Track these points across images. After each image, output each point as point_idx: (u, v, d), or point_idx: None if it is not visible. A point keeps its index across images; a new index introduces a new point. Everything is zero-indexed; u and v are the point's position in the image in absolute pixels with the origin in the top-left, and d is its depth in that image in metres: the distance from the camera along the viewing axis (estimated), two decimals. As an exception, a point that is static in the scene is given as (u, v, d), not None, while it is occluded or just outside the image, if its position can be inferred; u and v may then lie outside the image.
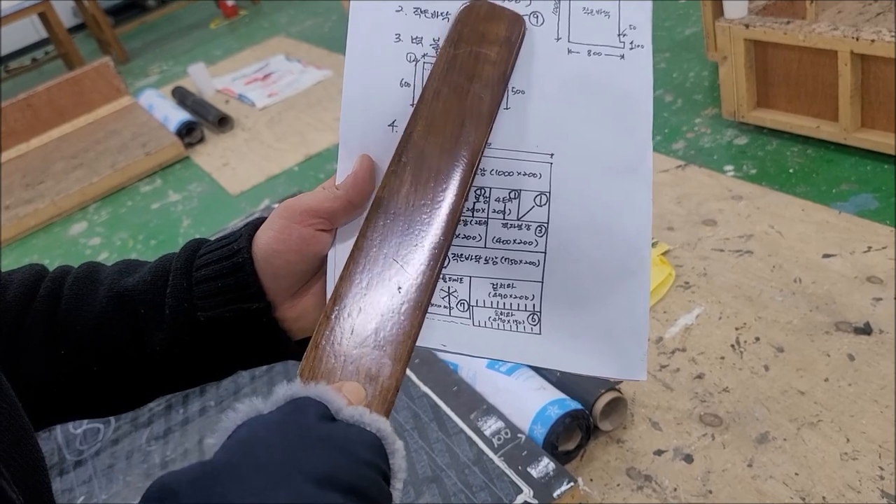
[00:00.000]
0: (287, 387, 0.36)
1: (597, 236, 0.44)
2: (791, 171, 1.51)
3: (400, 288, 0.40)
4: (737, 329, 1.17)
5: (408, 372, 1.22)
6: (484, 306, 0.45)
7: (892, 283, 1.15)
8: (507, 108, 0.44)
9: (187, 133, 2.61)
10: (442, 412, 1.11)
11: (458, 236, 0.44)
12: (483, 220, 0.44)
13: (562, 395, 1.06)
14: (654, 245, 1.39)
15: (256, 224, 0.45)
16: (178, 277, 0.44)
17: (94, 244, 2.22)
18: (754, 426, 1.01)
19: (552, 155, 0.44)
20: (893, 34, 1.35)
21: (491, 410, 1.08)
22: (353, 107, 0.45)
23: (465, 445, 1.04)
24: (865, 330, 1.09)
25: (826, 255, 1.25)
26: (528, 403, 1.06)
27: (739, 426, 1.02)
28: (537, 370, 1.13)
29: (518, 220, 0.44)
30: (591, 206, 0.44)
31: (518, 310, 0.45)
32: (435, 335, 0.44)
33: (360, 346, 0.39)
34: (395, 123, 0.44)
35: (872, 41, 1.36)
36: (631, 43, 0.44)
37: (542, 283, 0.44)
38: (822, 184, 1.44)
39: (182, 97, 2.95)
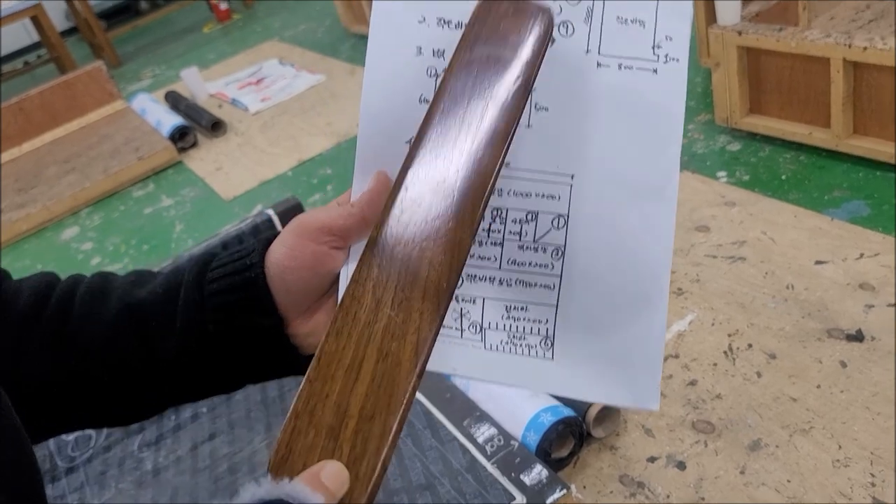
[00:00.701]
0: (255, 488, 0.32)
1: (615, 261, 0.42)
2: (784, 177, 1.51)
3: (388, 355, 0.36)
4: (729, 335, 1.17)
5: (401, 378, 1.22)
6: (496, 329, 0.44)
7: (884, 290, 1.16)
8: (528, 126, 0.42)
9: (180, 138, 2.61)
10: (435, 419, 1.11)
11: (472, 256, 0.43)
12: (499, 241, 0.43)
13: (555, 402, 1.06)
14: (647, 251, 1.39)
15: (269, 239, 0.45)
16: (190, 290, 0.44)
17: (86, 249, 2.21)
18: (747, 433, 1.01)
19: (572, 176, 0.42)
20: (886, 42, 1.35)
21: (484, 417, 1.08)
22: (371, 122, 0.43)
23: (458, 453, 1.04)
24: (857, 337, 1.10)
25: (818, 262, 1.26)
26: (521, 410, 1.06)
27: (732, 433, 1.02)
28: (530, 377, 1.13)
29: (534, 242, 0.43)
30: (611, 230, 0.42)
31: (531, 333, 0.44)
32: (446, 359, 0.43)
33: (344, 416, 0.35)
34: (412, 141, 0.42)
35: (865, 48, 1.37)
36: (666, 56, 0.42)
37: (557, 307, 0.43)
38: (814, 190, 1.45)
39: (175, 101, 2.95)
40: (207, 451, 1.22)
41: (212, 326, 0.43)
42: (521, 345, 0.44)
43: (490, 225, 0.43)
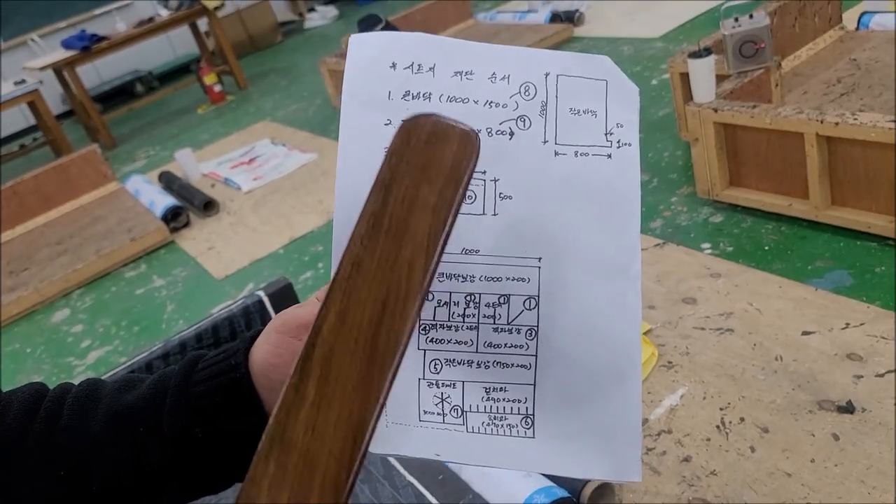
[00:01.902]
0: None
1: (587, 339, 0.44)
2: (766, 248, 1.54)
3: None
4: (721, 409, 1.17)
5: (392, 461, 1.20)
6: (477, 411, 0.45)
7: (871, 360, 1.17)
8: (494, 215, 0.44)
9: (173, 218, 2.63)
10: (427, 502, 1.09)
11: (449, 342, 0.44)
12: (474, 325, 0.44)
13: (548, 483, 1.04)
14: (636, 324, 1.40)
15: (252, 338, 0.46)
16: (176, 394, 0.45)
17: (76, 331, 2.19)
18: (743, 511, 1.00)
19: (540, 259, 0.44)
20: (857, 117, 1.40)
21: (477, 500, 1.06)
22: (346, 204, 0.44)
23: (451, 538, 1.02)
24: (848, 408, 1.10)
25: (805, 333, 1.27)
26: (515, 491, 1.05)
27: (729, 511, 1.01)
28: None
29: (508, 324, 0.44)
30: (580, 309, 0.44)
31: (511, 413, 0.44)
32: (429, 445, 0.44)
33: None
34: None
35: (837, 123, 1.41)
36: (618, 142, 0.44)
37: (535, 385, 0.44)
38: (797, 260, 1.47)
39: (168, 182, 2.99)
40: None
41: (198, 430, 0.44)
42: (502, 425, 0.44)
43: (465, 310, 0.44)
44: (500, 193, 0.44)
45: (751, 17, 1.70)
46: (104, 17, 5.31)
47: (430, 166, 0.36)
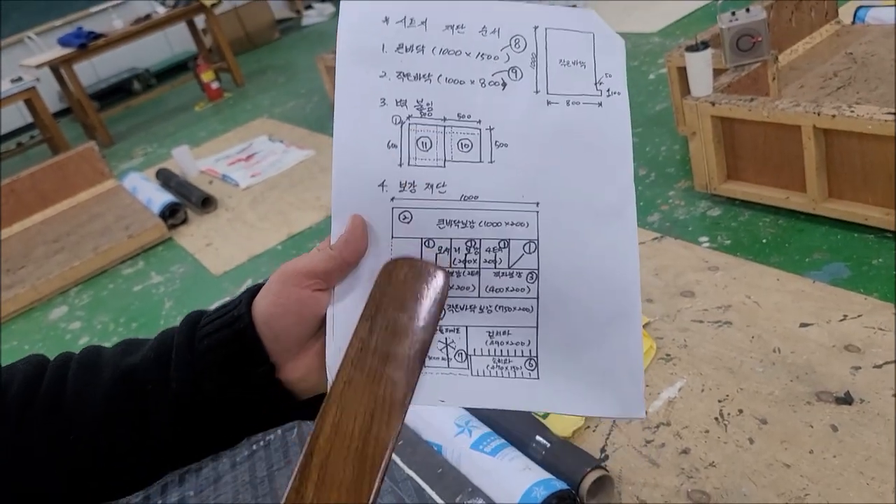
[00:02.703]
0: None
1: (586, 280, 0.45)
2: (764, 241, 1.54)
3: None
4: (720, 402, 1.17)
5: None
6: (481, 355, 0.45)
7: (869, 352, 1.17)
8: (491, 162, 0.45)
9: (171, 215, 2.63)
10: (427, 496, 1.09)
11: (452, 287, 0.45)
12: (475, 270, 0.45)
13: (547, 475, 1.05)
14: (634, 318, 1.40)
15: (254, 290, 0.46)
16: (182, 351, 0.45)
17: (74, 328, 2.19)
18: (742, 502, 1.00)
19: (538, 204, 0.45)
20: (853, 109, 1.41)
21: (476, 493, 1.07)
22: (344, 170, 0.45)
23: (450, 531, 1.02)
24: (846, 400, 1.10)
25: (803, 325, 1.27)
26: (514, 484, 1.05)
27: (728, 503, 1.01)
28: (522, 449, 1.12)
29: (509, 268, 0.45)
30: (579, 250, 0.45)
31: (515, 356, 0.45)
32: (433, 391, 0.45)
33: None
34: (384, 184, 0.45)
35: (833, 116, 1.42)
36: (608, 90, 0.46)
37: (537, 328, 0.45)
38: (795, 253, 1.47)
39: (166, 179, 2.99)
40: (194, 537, 1.19)
41: (206, 384, 0.44)
42: (506, 368, 0.45)
43: (466, 255, 0.45)
44: (496, 142, 0.45)
45: (748, 10, 1.70)
46: (101, 15, 5.30)
47: (407, 300, 0.42)
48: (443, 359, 0.45)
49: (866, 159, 1.43)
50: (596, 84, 0.45)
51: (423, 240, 0.45)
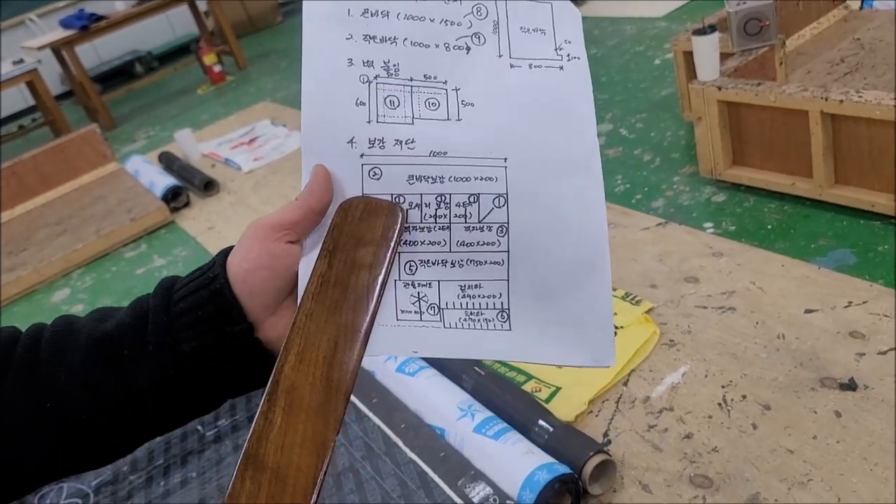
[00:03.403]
0: None
1: (555, 233, 0.46)
2: (769, 227, 1.53)
3: None
4: (723, 387, 1.17)
5: (394, 438, 1.20)
6: (454, 308, 0.46)
7: (874, 338, 1.16)
8: (459, 120, 0.46)
9: (173, 198, 2.62)
10: (429, 479, 1.09)
11: (422, 243, 0.46)
12: (446, 224, 0.46)
13: (550, 460, 1.05)
14: (637, 303, 1.40)
15: (227, 251, 0.46)
16: (158, 314, 0.45)
17: (77, 311, 2.19)
18: (745, 487, 1.00)
19: (506, 159, 0.46)
20: (861, 94, 1.39)
21: (479, 476, 1.07)
22: (313, 128, 0.46)
23: (453, 514, 1.02)
24: (850, 386, 1.09)
25: (808, 311, 1.26)
26: (516, 468, 1.05)
27: (730, 487, 1.01)
28: (525, 433, 1.12)
29: (479, 222, 0.46)
30: (548, 204, 0.46)
31: (487, 308, 0.46)
32: (406, 342, 0.45)
33: None
34: (353, 140, 0.46)
35: (841, 101, 1.40)
36: (568, 55, 0.47)
37: (508, 281, 0.46)
38: (800, 239, 1.46)
39: (168, 162, 2.98)
40: (197, 518, 1.19)
41: (185, 345, 0.44)
42: (478, 320, 0.46)
43: (436, 210, 0.46)
44: (463, 101, 0.46)
45: (756, -6, 1.69)
46: (102, -3, 5.26)
47: (363, 236, 0.44)
48: (415, 312, 0.46)
49: (873, 145, 1.42)
50: (556, 49, 0.47)
51: (394, 195, 0.45)
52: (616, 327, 1.35)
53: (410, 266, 0.45)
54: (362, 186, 0.45)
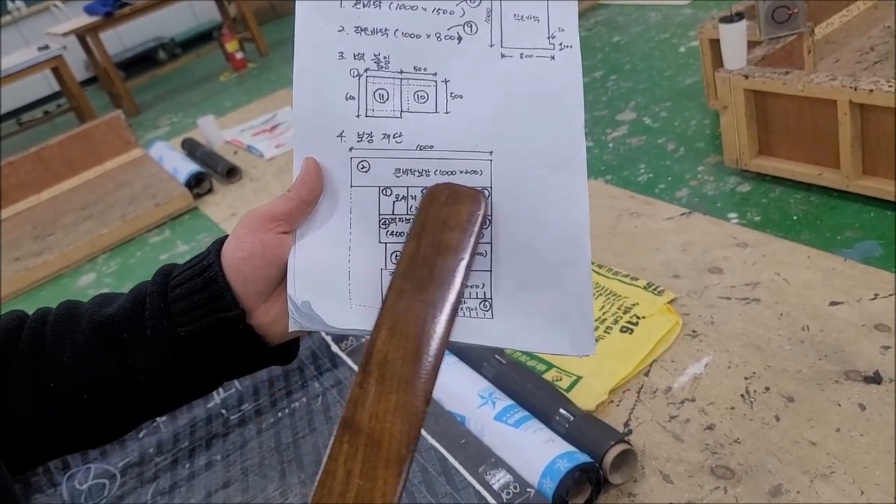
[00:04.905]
0: None
1: (537, 227, 0.47)
2: (795, 217, 1.52)
3: None
4: (746, 378, 1.16)
5: (415, 424, 1.21)
6: None
7: (900, 331, 1.15)
8: (447, 113, 0.47)
9: (196, 184, 2.65)
10: (450, 465, 1.10)
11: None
12: None
13: (571, 448, 1.05)
14: (660, 293, 1.39)
15: (222, 240, 0.49)
16: (155, 300, 0.47)
17: (102, 295, 2.23)
18: (767, 479, 1.00)
19: (491, 153, 0.47)
20: (891, 84, 1.37)
21: (499, 464, 1.07)
22: (305, 123, 0.47)
23: (473, 500, 1.03)
24: (875, 379, 1.09)
25: (833, 303, 1.25)
26: (537, 457, 1.05)
27: (752, 479, 1.01)
28: (546, 422, 1.12)
29: None
30: (531, 198, 0.47)
31: (470, 297, 0.47)
32: None
33: None
34: (343, 134, 0.47)
35: (871, 91, 1.38)
36: (560, 44, 0.47)
37: (491, 271, 0.47)
38: (826, 230, 1.45)
39: (191, 148, 3.00)
40: (221, 500, 1.21)
41: (181, 330, 0.46)
42: (462, 308, 0.47)
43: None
44: (451, 93, 0.47)
45: (785, -19, 1.66)
46: (126, -16, 5.29)
47: (449, 220, 0.45)
48: None
49: (903, 135, 1.40)
50: (549, 38, 0.47)
51: (381, 188, 0.46)
52: (638, 317, 1.34)
53: (396, 256, 0.47)
54: (351, 179, 0.46)
